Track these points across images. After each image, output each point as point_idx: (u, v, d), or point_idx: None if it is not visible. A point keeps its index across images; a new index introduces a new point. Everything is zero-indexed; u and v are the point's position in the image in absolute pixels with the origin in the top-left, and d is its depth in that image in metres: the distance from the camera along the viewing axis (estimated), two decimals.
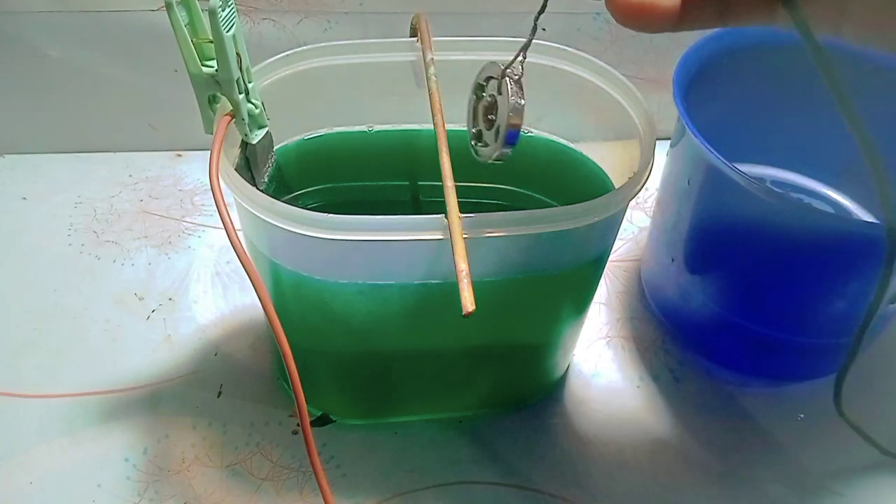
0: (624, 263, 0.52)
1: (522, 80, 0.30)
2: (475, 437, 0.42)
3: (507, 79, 0.30)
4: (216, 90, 0.32)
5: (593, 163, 0.40)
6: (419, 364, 0.39)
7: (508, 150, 0.30)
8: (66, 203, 0.54)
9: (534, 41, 0.38)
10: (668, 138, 0.44)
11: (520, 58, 0.29)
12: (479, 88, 0.32)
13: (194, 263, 0.50)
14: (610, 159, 0.39)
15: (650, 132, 0.34)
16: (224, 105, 0.32)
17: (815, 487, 0.40)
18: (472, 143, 0.33)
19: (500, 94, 0.30)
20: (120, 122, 0.57)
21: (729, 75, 0.43)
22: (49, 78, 0.53)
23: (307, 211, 0.29)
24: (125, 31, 0.51)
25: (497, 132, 0.30)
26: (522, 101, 0.29)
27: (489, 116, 0.31)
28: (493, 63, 0.31)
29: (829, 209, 0.51)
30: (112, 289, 0.48)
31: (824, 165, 0.51)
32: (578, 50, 0.38)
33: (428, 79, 0.35)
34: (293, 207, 0.29)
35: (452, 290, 0.27)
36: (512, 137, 0.30)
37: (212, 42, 0.30)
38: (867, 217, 0.51)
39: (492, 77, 0.31)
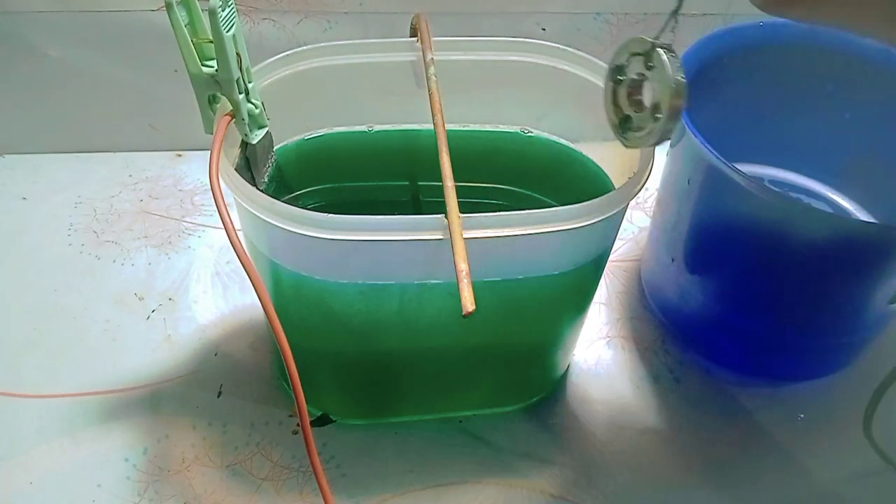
0: (624, 263, 0.52)
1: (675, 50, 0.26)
2: (475, 437, 0.42)
3: (662, 50, 0.26)
4: (216, 90, 0.32)
5: (593, 163, 0.40)
6: (419, 364, 0.39)
7: (671, 132, 0.27)
8: (66, 203, 0.54)
9: (533, 41, 0.39)
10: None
11: (670, 25, 0.26)
12: (619, 71, 0.28)
13: (194, 263, 0.50)
14: (610, 159, 0.39)
15: None
16: (224, 105, 0.32)
17: (815, 487, 0.40)
18: (619, 132, 0.29)
19: (649, 69, 0.26)
20: (120, 122, 0.57)
21: (729, 75, 0.43)
22: (49, 78, 0.53)
23: (307, 211, 0.29)
24: (125, 31, 0.51)
25: (653, 113, 0.27)
26: (683, 78, 0.25)
27: (636, 97, 0.28)
28: (636, 39, 0.27)
29: (829, 209, 0.51)
30: (112, 289, 0.48)
31: (824, 165, 0.51)
32: (578, 50, 0.38)
33: (428, 79, 0.35)
34: (293, 207, 0.29)
35: (452, 290, 0.26)
36: (673, 122, 0.26)
37: (212, 42, 0.30)
38: (867, 217, 0.51)
39: (636, 53, 0.27)
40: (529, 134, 0.42)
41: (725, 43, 0.43)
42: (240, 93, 0.32)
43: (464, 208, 0.29)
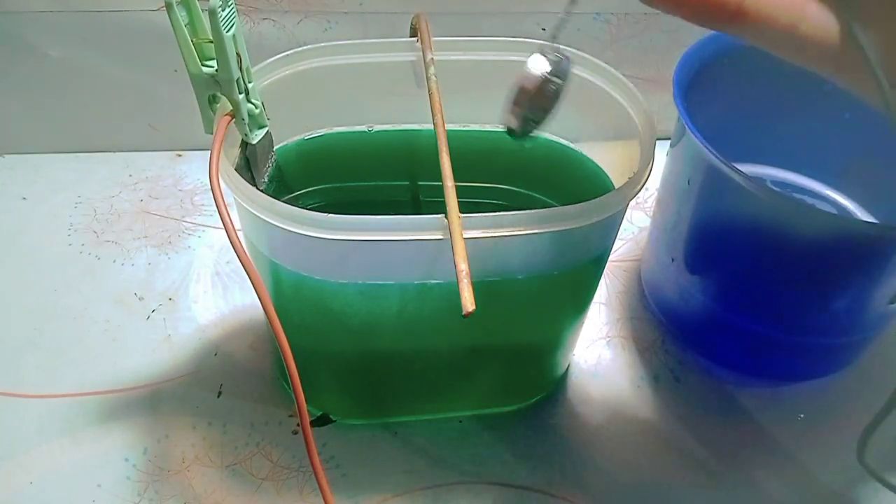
0: (624, 263, 0.52)
1: (555, 56, 0.30)
2: (475, 437, 0.42)
3: (538, 53, 0.30)
4: (216, 90, 0.32)
5: (593, 163, 0.40)
6: (419, 364, 0.39)
7: (525, 122, 0.31)
8: (66, 203, 0.54)
9: (533, 41, 0.38)
10: (668, 138, 0.44)
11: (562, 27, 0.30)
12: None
13: (194, 263, 0.50)
14: (610, 159, 0.39)
15: (650, 132, 0.34)
16: (224, 105, 0.32)
17: (815, 487, 0.40)
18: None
19: None
20: (120, 122, 0.57)
21: (729, 75, 0.43)
22: (49, 78, 0.53)
23: (307, 211, 0.29)
24: (125, 31, 0.51)
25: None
26: (535, 75, 0.30)
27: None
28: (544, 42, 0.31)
29: (830, 209, 0.51)
30: (112, 289, 0.48)
31: (824, 165, 0.51)
32: (578, 50, 0.38)
33: (428, 79, 0.35)
34: (293, 207, 0.29)
35: (452, 290, 0.26)
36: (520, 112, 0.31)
37: (212, 42, 0.30)
38: (867, 217, 0.51)
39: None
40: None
41: (725, 43, 0.43)
42: (240, 93, 0.32)
43: (464, 208, 0.29)
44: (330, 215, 0.29)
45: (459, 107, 0.39)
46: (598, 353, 0.46)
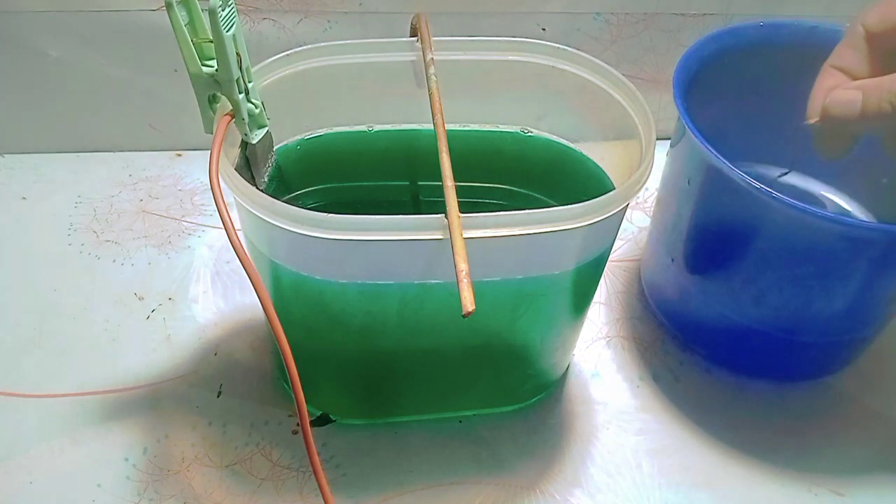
0: (624, 263, 0.52)
1: None
2: (475, 437, 0.42)
3: None
4: (216, 90, 0.32)
5: (593, 163, 0.40)
6: (419, 364, 0.39)
7: None
8: (66, 203, 0.54)
9: (533, 41, 0.39)
10: (668, 138, 0.44)
11: None
12: None
13: (194, 263, 0.50)
14: (610, 159, 0.39)
15: (650, 132, 0.34)
16: (224, 105, 0.32)
17: (816, 487, 0.40)
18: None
19: None
20: (120, 122, 0.57)
21: (729, 75, 0.43)
22: (49, 78, 0.53)
23: (307, 211, 0.29)
24: (125, 31, 0.51)
25: None
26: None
27: None
28: None
29: (830, 209, 0.51)
30: (112, 289, 0.48)
31: (824, 165, 0.51)
32: (578, 50, 0.38)
33: (428, 79, 0.35)
34: (293, 207, 0.29)
35: (452, 290, 0.27)
36: None
37: (212, 42, 0.30)
38: (867, 217, 0.51)
39: None
40: (529, 134, 0.42)
41: (725, 43, 0.43)
42: (240, 93, 0.32)
43: (464, 208, 0.29)
44: (330, 215, 0.29)
45: (459, 107, 0.39)
46: (598, 353, 0.46)
